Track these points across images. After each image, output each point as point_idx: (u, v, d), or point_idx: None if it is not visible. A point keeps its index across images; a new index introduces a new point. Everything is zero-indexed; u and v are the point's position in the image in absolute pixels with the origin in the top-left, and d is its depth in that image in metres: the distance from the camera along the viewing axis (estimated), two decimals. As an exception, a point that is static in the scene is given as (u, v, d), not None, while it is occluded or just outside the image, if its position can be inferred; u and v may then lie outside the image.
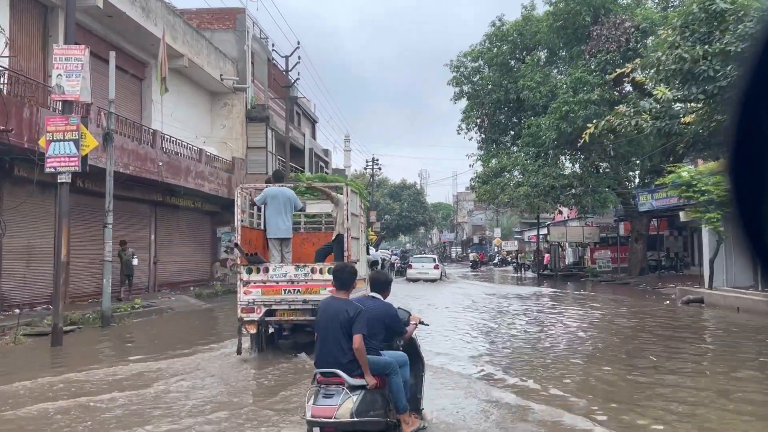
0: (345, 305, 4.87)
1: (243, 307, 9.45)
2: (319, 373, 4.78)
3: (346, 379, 4.66)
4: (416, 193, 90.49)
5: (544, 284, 31.51)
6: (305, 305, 9.35)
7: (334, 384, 4.68)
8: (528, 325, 15.14)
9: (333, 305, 4.93)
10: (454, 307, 18.97)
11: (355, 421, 4.54)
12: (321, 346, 4.87)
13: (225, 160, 25.02)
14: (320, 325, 4.94)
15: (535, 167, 29.80)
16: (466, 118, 35.48)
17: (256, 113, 26.46)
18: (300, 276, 9.42)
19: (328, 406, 4.56)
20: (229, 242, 26.02)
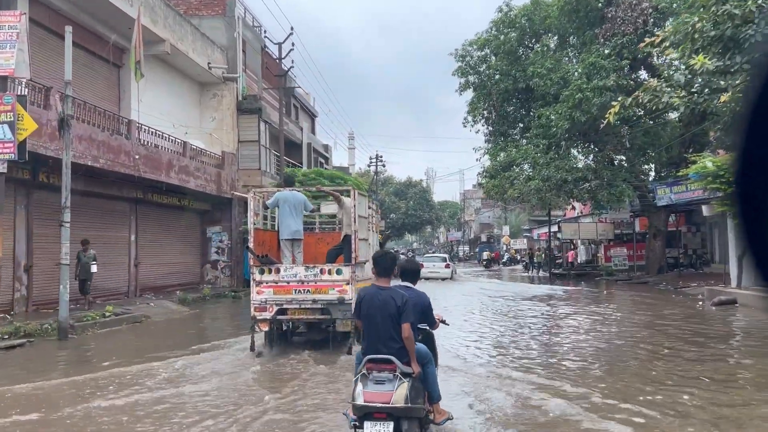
0: (391, 294, 4.99)
1: (256, 306, 9.90)
2: (368, 360, 4.86)
3: (399, 365, 4.79)
4: (422, 191, 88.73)
5: (559, 284, 29.68)
6: (315, 304, 9.83)
7: (386, 370, 4.80)
8: (565, 332, 13.62)
9: (379, 295, 5.01)
10: (479, 311, 17.26)
11: (409, 407, 4.70)
12: (369, 334, 5.00)
13: (214, 154, 23.36)
14: (368, 314, 5.01)
15: (547, 160, 27.98)
16: (473, 110, 33.65)
17: (247, 104, 24.79)
18: (310, 276, 9.80)
19: (383, 392, 4.70)
20: (221, 242, 24.40)
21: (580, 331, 13.58)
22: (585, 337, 12.56)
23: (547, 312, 17.54)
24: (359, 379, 4.85)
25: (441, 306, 15.61)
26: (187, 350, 10.84)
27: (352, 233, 10.18)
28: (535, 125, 29.86)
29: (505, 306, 19.37)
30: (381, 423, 4.71)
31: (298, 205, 10.54)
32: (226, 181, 23.67)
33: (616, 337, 12.51)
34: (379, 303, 4.96)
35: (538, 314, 16.93)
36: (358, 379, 4.86)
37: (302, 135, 31.38)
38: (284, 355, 9.88)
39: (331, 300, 9.79)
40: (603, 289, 26.73)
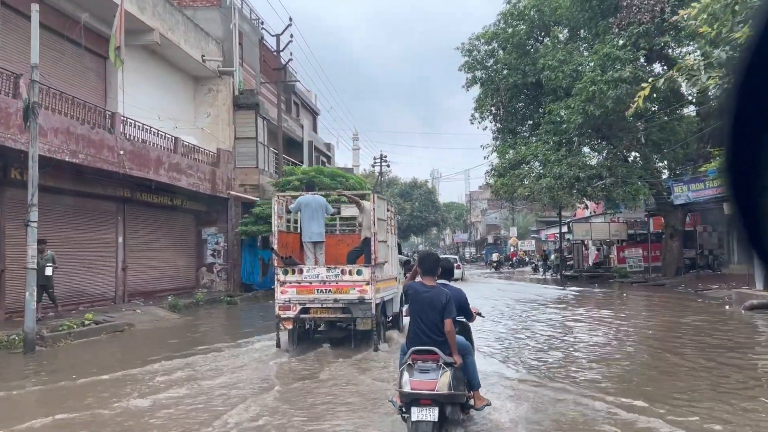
0: (437, 292, 5.45)
1: (280, 305, 10.25)
2: (413, 351, 5.28)
3: (441, 356, 5.22)
4: (428, 192, 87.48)
5: (574, 286, 28.36)
6: (336, 304, 10.17)
7: (430, 360, 5.22)
8: (592, 337, 12.56)
9: (426, 292, 5.44)
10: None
11: (452, 393, 5.13)
12: (415, 327, 5.44)
13: (208, 151, 22.16)
14: (414, 309, 5.49)
15: (558, 157, 26.68)
16: (480, 106, 32.39)
17: (244, 99, 23.59)
18: (331, 277, 10.17)
19: (428, 380, 5.09)
20: (216, 244, 23.20)
21: (619, 340, 12.31)
22: (627, 347, 11.32)
23: (574, 316, 16.25)
24: (405, 369, 5.21)
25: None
26: (163, 362, 9.60)
27: (371, 236, 10.49)
28: (546, 121, 28.57)
29: (532, 311, 18.08)
30: (427, 408, 5.04)
31: (319, 209, 10.93)
32: (222, 179, 22.46)
33: (658, 346, 11.23)
34: (425, 299, 5.41)
35: (566, 319, 15.65)
36: (405, 368, 5.22)
37: (303, 133, 30.17)
38: (308, 352, 10.29)
39: (351, 299, 10.14)
40: (621, 292, 25.37)
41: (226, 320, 17.55)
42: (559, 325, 14.79)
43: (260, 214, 21.96)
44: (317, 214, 10.88)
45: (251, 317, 18.22)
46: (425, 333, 5.36)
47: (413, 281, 5.85)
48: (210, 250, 23.38)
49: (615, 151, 26.73)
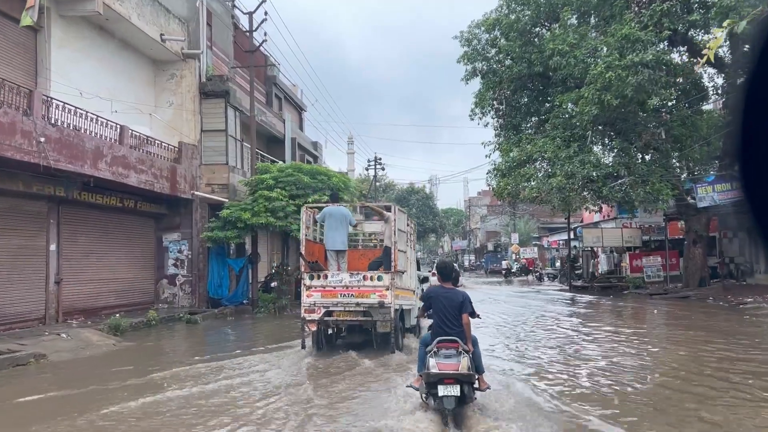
0: (454, 293, 7.06)
1: (306, 308, 10.95)
2: (439, 340, 6.68)
3: (461, 344, 6.65)
4: (425, 198, 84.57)
5: (589, 297, 25.31)
6: (358, 307, 10.88)
7: (452, 348, 6.61)
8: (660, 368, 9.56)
9: (445, 293, 7.02)
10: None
11: (470, 374, 6.51)
12: (439, 321, 6.87)
13: (167, 145, 19.13)
14: (437, 307, 6.92)
15: (569, 154, 23.72)
16: (480, 101, 29.47)
17: (212, 87, 20.60)
18: (354, 282, 10.84)
19: (451, 363, 6.43)
20: (179, 252, 20.15)
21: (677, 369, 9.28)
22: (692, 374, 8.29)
23: (611, 336, 13.20)
24: (432, 355, 6.58)
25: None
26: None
27: (392, 245, 11.08)
28: (554, 115, 25.65)
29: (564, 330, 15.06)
30: (451, 386, 6.31)
31: (342, 219, 11.59)
32: (185, 178, 19.44)
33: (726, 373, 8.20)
34: (446, 298, 6.94)
35: (603, 339, 12.61)
36: (431, 355, 6.59)
37: (285, 128, 27.18)
38: (332, 355, 10.85)
39: (372, 303, 10.70)
40: (644, 305, 22.31)
41: (175, 345, 14.44)
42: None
43: (229, 217, 18.95)
44: (341, 225, 11.55)
45: (214, 341, 15.17)
46: (447, 325, 6.78)
47: (433, 286, 7.59)
48: (172, 259, 20.32)
49: (633, 148, 23.71)
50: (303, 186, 19.51)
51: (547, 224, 72.48)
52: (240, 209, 19.00)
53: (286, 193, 19.36)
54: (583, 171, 22.81)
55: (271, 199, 19.04)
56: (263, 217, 18.74)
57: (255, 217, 18.77)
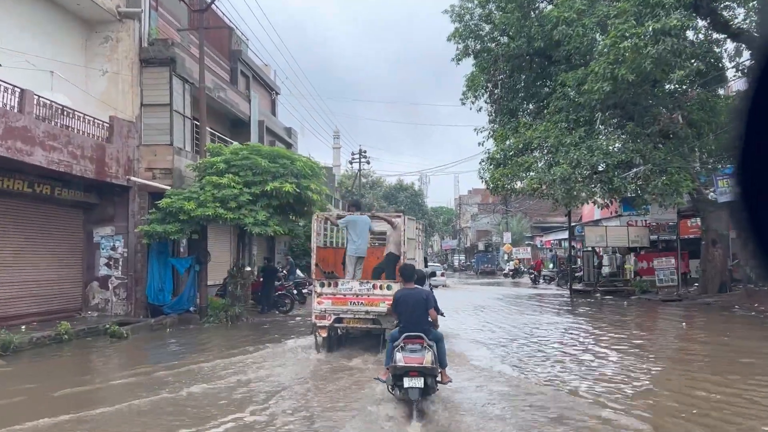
0: (419, 291, 7.73)
1: (316, 314, 11.35)
2: (405, 336, 7.22)
3: (426, 340, 7.20)
4: (414, 195, 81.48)
5: (586, 303, 22.19)
6: (367, 315, 11.25)
7: (418, 343, 7.15)
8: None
9: (411, 292, 7.65)
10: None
11: (433, 367, 7.02)
12: (406, 318, 7.43)
13: (93, 119, 15.80)
14: (404, 304, 7.49)
15: (574, 140, 20.58)
16: (473, 83, 26.30)
17: (154, 52, 17.26)
18: (363, 290, 11.20)
19: (416, 357, 6.97)
20: (113, 249, 16.87)
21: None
22: None
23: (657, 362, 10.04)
24: (398, 350, 7.07)
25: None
26: None
27: (401, 254, 11.41)
28: (557, 97, 22.49)
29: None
30: (415, 378, 6.85)
31: (365, 228, 11.82)
32: (117, 160, 16.11)
33: None
34: (411, 296, 7.54)
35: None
36: (398, 349, 7.09)
37: (251, 110, 23.86)
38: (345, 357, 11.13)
39: (381, 312, 11.04)
40: (665, 316, 19.20)
41: (75, 374, 11.09)
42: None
43: (169, 208, 15.64)
44: (364, 232, 11.74)
45: (130, 364, 11.86)
46: (413, 322, 7.38)
47: (400, 289, 8.25)
48: (104, 257, 16.99)
49: (648, 133, 20.54)
50: (261, 171, 16.25)
51: (540, 223, 69.68)
52: (183, 198, 15.70)
53: (239, 179, 16.09)
54: (591, 159, 19.67)
55: (221, 187, 15.76)
56: (211, 208, 15.46)
57: (201, 208, 15.48)
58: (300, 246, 28.45)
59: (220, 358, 11.41)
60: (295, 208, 17.47)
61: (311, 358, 11.27)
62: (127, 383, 9.58)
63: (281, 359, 11.34)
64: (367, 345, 11.87)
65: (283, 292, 19.63)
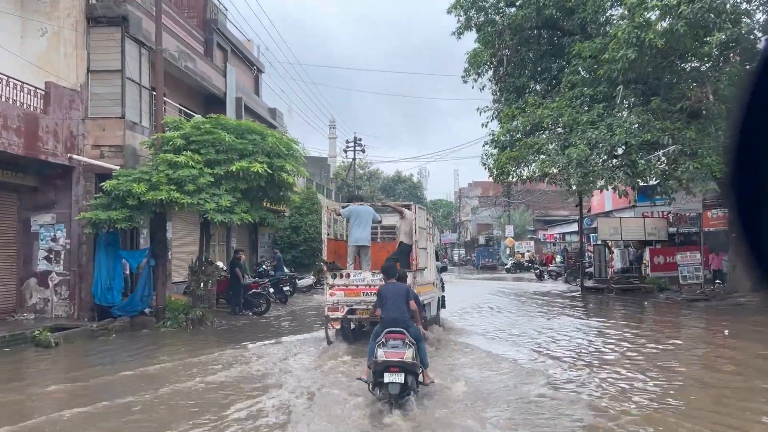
0: (399, 286, 7.98)
1: (329, 306, 11.23)
2: (387, 331, 7.26)
3: (407, 336, 7.21)
4: (412, 187, 79.00)
5: (622, 304, 19.68)
6: None
7: (399, 339, 7.14)
8: None
9: (391, 287, 7.91)
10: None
11: (414, 363, 6.95)
12: (388, 313, 7.56)
13: (27, 86, 13.25)
14: (386, 300, 7.67)
15: (592, 117, 18.07)
16: (475, 60, 23.77)
17: (104, 10, 14.68)
18: (376, 281, 10.72)
19: (397, 352, 6.94)
20: (53, 240, 14.35)
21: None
22: None
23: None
24: (380, 345, 7.07)
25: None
26: None
27: (413, 243, 11.39)
28: (572, 70, 19.97)
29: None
30: (395, 374, 6.76)
31: (368, 217, 11.79)
32: (55, 134, 13.56)
33: None
34: (393, 291, 7.79)
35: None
36: (379, 345, 7.08)
37: (227, 85, 21.29)
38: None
39: None
40: (702, 319, 16.71)
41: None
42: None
43: (116, 191, 13.11)
44: (364, 222, 11.67)
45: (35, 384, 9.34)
46: (395, 314, 7.49)
47: (382, 285, 8.30)
48: (43, 250, 14.46)
49: (676, 110, 17.95)
50: (225, 148, 13.70)
51: (543, 217, 67.27)
52: (132, 180, 13.16)
53: (200, 157, 13.56)
54: (612, 139, 17.11)
55: (178, 166, 13.21)
56: (164, 191, 12.92)
57: (152, 192, 12.94)
58: (285, 238, 25.93)
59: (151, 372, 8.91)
60: (269, 193, 14.93)
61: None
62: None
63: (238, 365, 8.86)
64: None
65: (257, 291, 17.10)
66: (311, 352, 11.23)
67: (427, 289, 12.18)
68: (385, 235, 14.49)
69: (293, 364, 10.00)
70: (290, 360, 10.44)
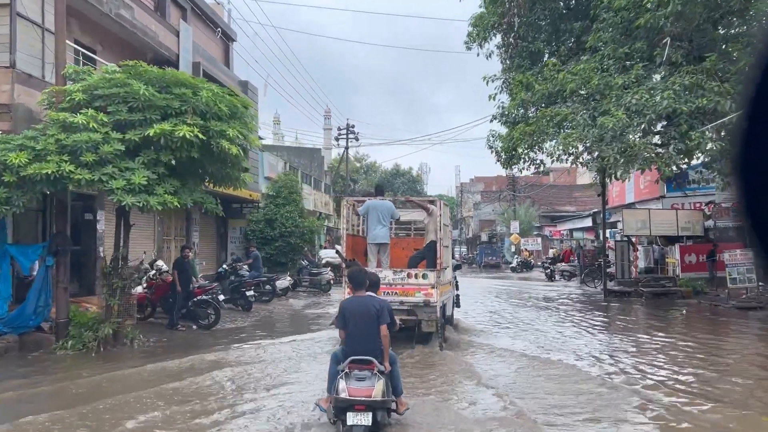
0: (370, 301, 6.07)
1: None
2: (351, 360, 5.75)
3: (377, 365, 5.73)
4: (412, 181, 75.24)
5: (655, 312, 15.92)
6: (401, 306, 10.23)
7: (366, 369, 5.71)
8: None
9: (359, 303, 6.04)
10: None
11: (385, 399, 5.67)
12: (352, 337, 5.94)
13: None
14: (351, 319, 5.96)
15: (629, 81, 14.36)
16: (480, 23, 20.06)
17: None
18: (397, 280, 10.48)
19: (364, 388, 5.57)
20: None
21: None
22: None
23: None
24: (342, 377, 5.67)
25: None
26: None
27: (438, 240, 10.79)
28: (599, 27, 16.23)
29: None
30: (362, 414, 5.49)
31: (386, 213, 11.17)
32: None
33: None
34: (360, 310, 5.95)
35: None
36: (342, 376, 5.68)
37: (180, 46, 17.53)
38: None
39: (417, 302, 10.39)
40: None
41: None
42: None
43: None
44: (383, 218, 11.10)
45: None
46: (362, 340, 5.88)
47: (347, 298, 6.74)
48: None
49: (735, 71, 14.18)
50: (142, 105, 9.95)
51: (549, 212, 63.69)
52: (10, 149, 9.43)
53: (106, 117, 9.83)
54: (660, 104, 13.31)
55: (74, 129, 9.49)
56: (52, 163, 9.20)
57: (36, 164, 9.21)
58: (258, 232, 22.14)
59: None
60: (207, 169, 11.20)
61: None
62: None
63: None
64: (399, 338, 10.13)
65: (204, 298, 13.36)
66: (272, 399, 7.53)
67: (446, 289, 11.55)
68: (399, 230, 13.98)
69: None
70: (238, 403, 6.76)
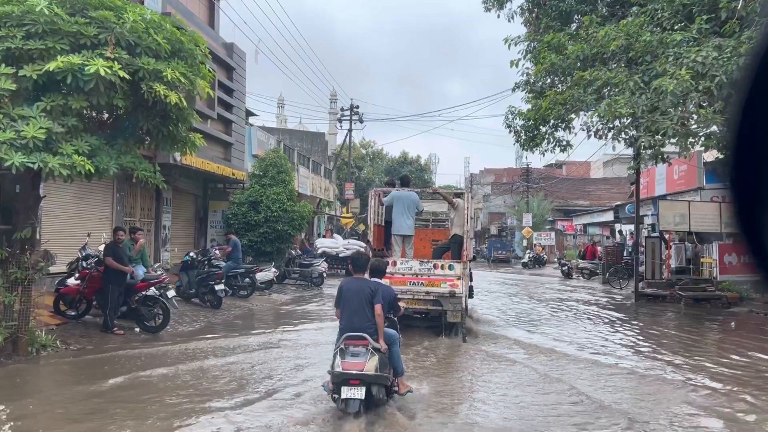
0: (366, 283, 6.31)
1: None
2: (346, 337, 5.99)
3: (371, 342, 5.95)
4: (420, 170, 72.37)
5: (710, 324, 13.08)
6: (427, 296, 10.58)
7: (360, 345, 5.94)
8: None
9: (356, 283, 6.30)
10: None
11: (377, 375, 5.81)
12: (348, 315, 6.15)
13: None
14: (346, 299, 6.20)
15: (691, 36, 11.48)
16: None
17: None
18: (423, 270, 10.57)
19: (357, 362, 5.79)
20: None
21: None
22: None
23: None
24: (338, 353, 5.91)
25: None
26: None
27: (464, 233, 11.01)
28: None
29: None
30: (355, 388, 5.72)
31: (411, 204, 11.16)
32: None
33: None
34: (356, 289, 6.18)
35: None
36: (337, 353, 5.93)
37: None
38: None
39: (442, 293, 10.46)
40: None
41: None
42: None
43: None
44: (408, 210, 11.13)
45: None
46: (356, 318, 6.08)
47: (345, 279, 6.69)
48: None
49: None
50: (43, 30, 7.17)
51: (562, 206, 60.83)
52: None
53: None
54: (729, 63, 10.42)
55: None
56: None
57: None
58: (241, 216, 19.34)
59: None
60: (142, 125, 8.40)
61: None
62: None
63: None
64: (424, 328, 11.11)
65: (149, 293, 10.58)
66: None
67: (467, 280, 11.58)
68: (418, 221, 13.55)
69: None
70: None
